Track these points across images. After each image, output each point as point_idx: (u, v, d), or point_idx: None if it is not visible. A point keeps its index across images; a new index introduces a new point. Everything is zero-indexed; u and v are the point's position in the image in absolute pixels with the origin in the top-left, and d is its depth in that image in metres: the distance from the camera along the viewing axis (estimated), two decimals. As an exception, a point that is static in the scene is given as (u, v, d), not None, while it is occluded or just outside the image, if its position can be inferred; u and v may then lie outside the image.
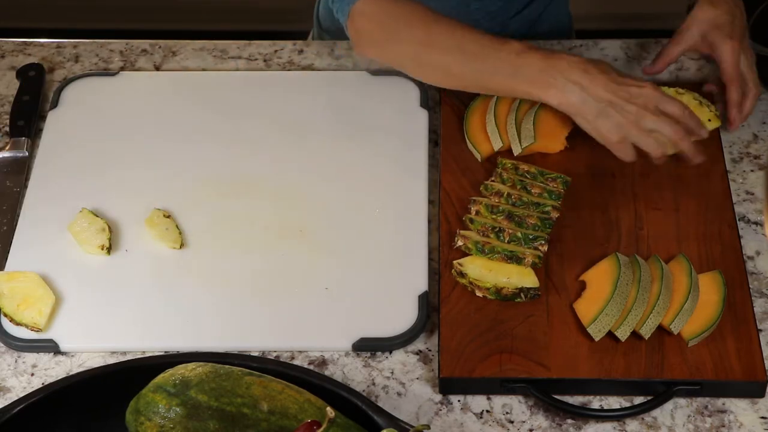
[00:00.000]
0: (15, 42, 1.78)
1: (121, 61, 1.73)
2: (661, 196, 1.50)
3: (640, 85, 1.42)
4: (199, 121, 1.63)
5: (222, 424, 1.18)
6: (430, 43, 1.48)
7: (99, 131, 1.63)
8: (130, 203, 1.53)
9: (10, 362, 1.41)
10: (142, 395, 1.21)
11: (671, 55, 1.58)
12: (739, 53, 1.53)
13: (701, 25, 1.55)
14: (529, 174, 1.50)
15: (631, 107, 1.41)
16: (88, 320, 1.42)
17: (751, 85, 1.55)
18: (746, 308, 1.38)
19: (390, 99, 1.63)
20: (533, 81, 1.43)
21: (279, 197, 1.53)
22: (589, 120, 1.43)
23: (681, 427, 1.33)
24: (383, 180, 1.55)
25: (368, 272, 1.45)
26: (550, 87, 1.42)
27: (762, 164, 1.57)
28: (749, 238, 1.49)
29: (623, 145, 1.43)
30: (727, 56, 1.53)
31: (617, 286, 1.36)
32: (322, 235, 1.49)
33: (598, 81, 1.42)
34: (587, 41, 1.73)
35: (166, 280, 1.46)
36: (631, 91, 1.42)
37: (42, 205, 1.54)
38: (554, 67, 1.42)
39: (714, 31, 1.54)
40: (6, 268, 1.48)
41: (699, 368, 1.33)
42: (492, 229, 1.43)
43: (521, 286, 1.39)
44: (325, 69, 1.71)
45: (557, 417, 1.34)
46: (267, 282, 1.45)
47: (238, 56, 1.73)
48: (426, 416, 1.35)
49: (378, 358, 1.40)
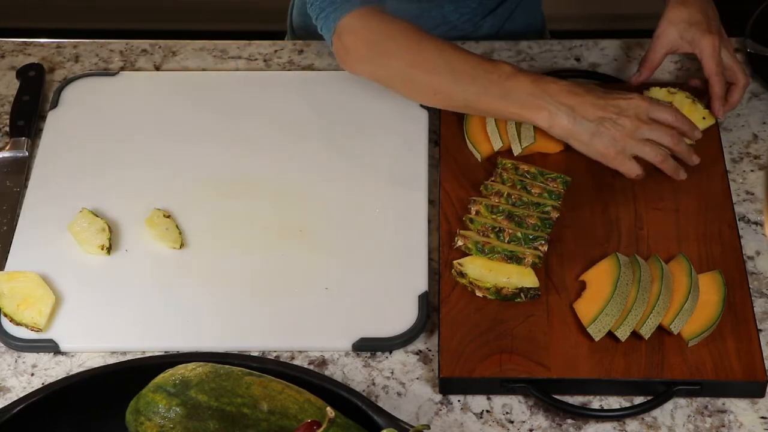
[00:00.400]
0: (15, 42, 1.78)
1: (121, 61, 1.73)
2: (661, 196, 1.50)
3: (629, 98, 1.44)
4: (199, 121, 1.63)
5: (222, 424, 1.18)
6: (418, 62, 1.48)
7: (99, 131, 1.63)
8: (130, 203, 1.53)
9: (10, 362, 1.41)
10: (142, 395, 1.21)
11: (654, 62, 1.58)
12: (719, 47, 1.54)
13: (677, 26, 1.56)
14: (529, 174, 1.50)
15: (624, 120, 1.42)
16: (88, 320, 1.42)
17: (740, 75, 1.56)
18: (746, 308, 1.38)
19: (390, 99, 1.63)
20: (523, 104, 1.44)
21: (279, 197, 1.53)
22: (584, 141, 1.44)
23: (681, 427, 1.33)
24: (383, 180, 1.55)
25: (368, 272, 1.45)
26: (540, 110, 1.43)
27: (762, 164, 1.57)
28: (749, 238, 1.49)
29: (623, 158, 1.43)
30: (707, 51, 1.53)
31: (617, 286, 1.36)
32: (322, 235, 1.49)
33: (586, 100, 1.43)
34: (587, 41, 1.73)
35: (166, 280, 1.46)
36: (620, 104, 1.43)
37: (42, 205, 1.54)
38: (544, 91, 1.43)
39: (691, 29, 1.55)
40: (6, 268, 1.48)
41: (699, 368, 1.33)
42: (492, 229, 1.43)
43: (521, 286, 1.39)
44: (325, 69, 1.71)
45: (557, 417, 1.34)
46: (267, 282, 1.45)
47: (238, 56, 1.73)
48: (426, 416, 1.35)
49: (378, 358, 1.40)
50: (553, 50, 1.71)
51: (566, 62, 1.70)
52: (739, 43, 1.70)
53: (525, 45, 1.72)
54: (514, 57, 1.70)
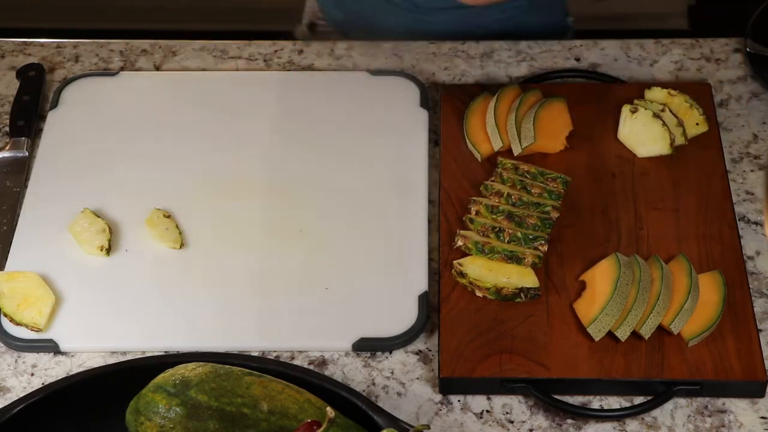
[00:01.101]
0: (15, 42, 1.77)
1: (121, 61, 1.73)
2: (661, 196, 1.50)
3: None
4: (199, 121, 1.63)
5: (222, 424, 1.18)
6: None
7: (99, 131, 1.63)
8: (130, 203, 1.53)
9: (10, 362, 1.41)
10: (142, 395, 1.21)
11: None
12: None
13: None
14: (529, 174, 1.50)
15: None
16: (88, 320, 1.42)
17: None
18: (746, 308, 1.38)
19: (390, 99, 1.63)
20: None
21: (279, 197, 1.53)
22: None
23: (681, 427, 1.33)
24: (383, 180, 1.55)
25: (368, 272, 1.45)
26: None
27: (762, 164, 1.57)
28: (749, 238, 1.49)
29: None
30: None
31: (617, 286, 1.36)
32: (322, 235, 1.49)
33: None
34: (587, 41, 1.73)
35: (166, 280, 1.46)
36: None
37: (42, 204, 1.54)
38: None
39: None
40: (6, 268, 1.48)
41: (699, 368, 1.33)
42: (492, 229, 1.43)
43: (521, 286, 1.39)
44: (325, 69, 1.71)
45: (557, 417, 1.34)
46: (267, 282, 1.45)
47: (238, 56, 1.73)
48: (426, 416, 1.35)
49: (378, 358, 1.40)
50: (553, 50, 1.71)
51: (566, 62, 1.70)
52: (739, 43, 1.70)
53: (525, 45, 1.72)
54: (514, 57, 1.70)
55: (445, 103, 1.61)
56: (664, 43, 1.71)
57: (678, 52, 1.70)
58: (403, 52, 1.72)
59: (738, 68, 1.68)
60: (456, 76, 1.69)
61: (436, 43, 1.73)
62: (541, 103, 1.55)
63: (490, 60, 1.70)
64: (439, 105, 1.63)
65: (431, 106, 1.64)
